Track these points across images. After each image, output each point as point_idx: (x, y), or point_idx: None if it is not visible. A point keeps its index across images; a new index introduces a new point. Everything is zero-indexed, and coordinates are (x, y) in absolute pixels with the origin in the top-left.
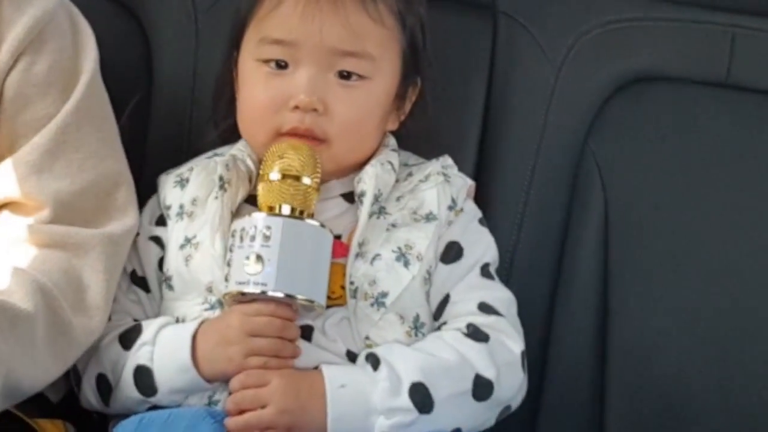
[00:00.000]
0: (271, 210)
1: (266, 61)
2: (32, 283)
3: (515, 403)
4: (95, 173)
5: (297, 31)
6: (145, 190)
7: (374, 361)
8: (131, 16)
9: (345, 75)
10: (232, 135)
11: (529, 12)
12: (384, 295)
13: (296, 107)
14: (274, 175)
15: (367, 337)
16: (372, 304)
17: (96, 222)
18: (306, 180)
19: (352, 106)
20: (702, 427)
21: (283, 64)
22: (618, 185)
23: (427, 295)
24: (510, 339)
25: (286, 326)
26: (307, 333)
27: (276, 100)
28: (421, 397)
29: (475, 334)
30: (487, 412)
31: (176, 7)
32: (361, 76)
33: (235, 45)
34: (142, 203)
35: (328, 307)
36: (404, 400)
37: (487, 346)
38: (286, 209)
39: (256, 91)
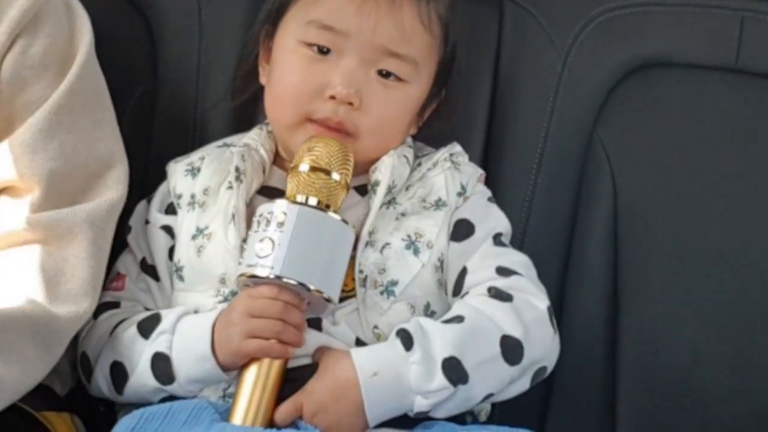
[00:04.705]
0: (296, 200)
1: (309, 44)
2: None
3: (549, 364)
4: (87, 155)
5: (350, 23)
6: (151, 180)
7: (406, 338)
8: (135, 8)
9: (385, 74)
10: (243, 114)
11: None
12: (394, 283)
13: (332, 97)
14: (303, 167)
15: (375, 326)
16: (382, 293)
17: (81, 202)
18: (335, 175)
19: (387, 105)
20: (714, 412)
21: (325, 49)
22: (626, 171)
23: (439, 283)
24: (534, 296)
25: (288, 309)
26: (316, 322)
27: (313, 86)
28: (456, 372)
29: (499, 295)
30: (521, 374)
31: None
32: (400, 78)
33: (271, 19)
34: (147, 192)
35: (340, 300)
36: (439, 380)
37: (512, 305)
38: (312, 201)
39: (294, 73)
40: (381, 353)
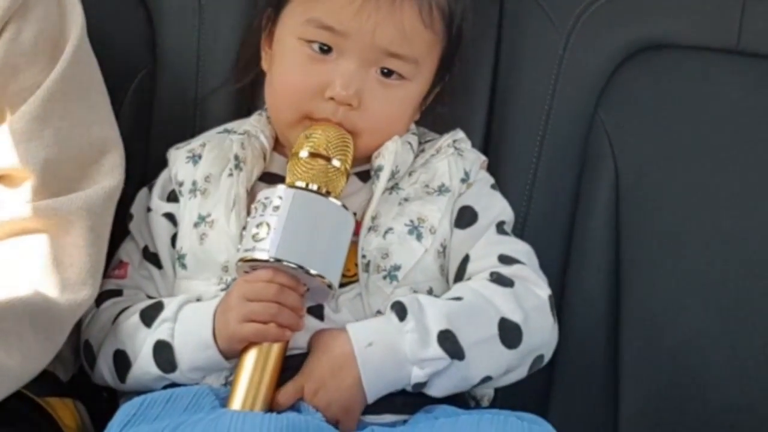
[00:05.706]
0: (295, 186)
1: (309, 41)
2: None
3: (547, 353)
4: (82, 141)
5: (350, 24)
6: (152, 165)
7: (400, 309)
8: None
9: (385, 72)
10: (243, 98)
11: None
12: (396, 268)
13: (331, 98)
14: (303, 153)
15: (378, 311)
16: (384, 277)
17: (78, 189)
18: (335, 162)
19: (387, 104)
20: (717, 392)
21: (326, 48)
22: (628, 154)
23: (442, 269)
24: (535, 285)
25: (284, 292)
26: (317, 310)
27: (313, 86)
28: (451, 344)
29: (500, 280)
30: (519, 361)
31: None
32: (401, 77)
33: (273, 3)
34: (148, 178)
35: (342, 285)
36: (435, 349)
37: (513, 290)
38: (312, 187)
39: (294, 72)
40: (375, 325)
